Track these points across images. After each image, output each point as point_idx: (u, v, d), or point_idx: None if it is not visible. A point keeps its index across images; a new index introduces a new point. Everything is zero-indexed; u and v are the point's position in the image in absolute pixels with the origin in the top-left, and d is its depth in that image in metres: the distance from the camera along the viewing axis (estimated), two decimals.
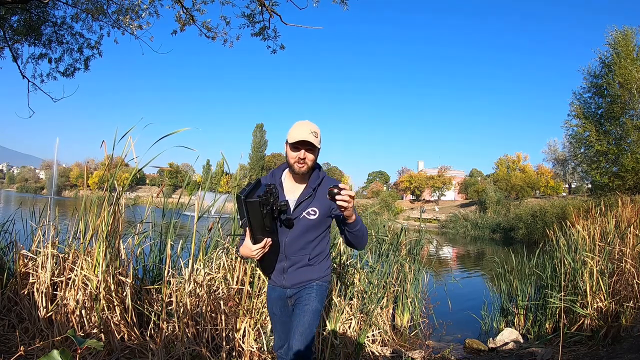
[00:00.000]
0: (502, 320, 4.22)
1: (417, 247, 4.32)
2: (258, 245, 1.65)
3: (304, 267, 1.75)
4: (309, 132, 1.70)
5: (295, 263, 1.75)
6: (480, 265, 11.11)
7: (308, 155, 1.74)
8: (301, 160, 1.73)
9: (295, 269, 1.75)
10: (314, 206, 1.75)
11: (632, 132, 14.91)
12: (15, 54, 5.58)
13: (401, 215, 34.80)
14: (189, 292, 2.44)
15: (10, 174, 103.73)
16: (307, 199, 1.75)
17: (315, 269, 1.77)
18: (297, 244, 1.74)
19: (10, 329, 2.43)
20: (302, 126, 1.73)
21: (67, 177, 73.66)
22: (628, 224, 4.04)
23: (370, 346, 3.11)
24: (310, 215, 1.74)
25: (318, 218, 1.74)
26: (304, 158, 1.73)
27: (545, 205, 20.86)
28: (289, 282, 1.76)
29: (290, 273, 1.76)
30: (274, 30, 4.93)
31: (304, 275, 1.75)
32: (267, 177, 1.89)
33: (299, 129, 1.73)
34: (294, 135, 1.71)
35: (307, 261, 1.75)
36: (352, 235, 1.71)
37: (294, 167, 1.76)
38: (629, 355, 2.67)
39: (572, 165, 23.15)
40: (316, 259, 1.78)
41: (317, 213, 1.74)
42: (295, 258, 1.75)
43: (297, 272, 1.75)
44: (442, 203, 47.73)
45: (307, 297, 1.73)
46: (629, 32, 15.35)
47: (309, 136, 1.70)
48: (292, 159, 1.75)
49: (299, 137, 1.70)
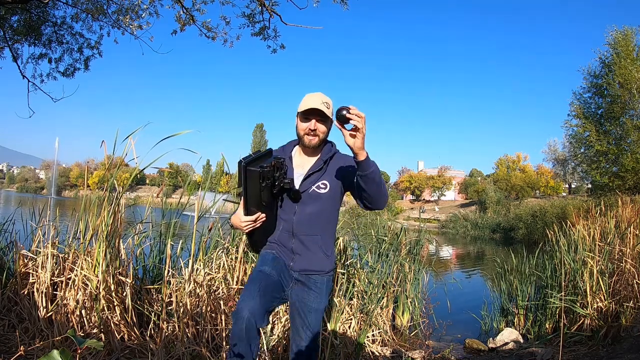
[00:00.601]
0: (502, 320, 4.22)
1: (417, 247, 4.31)
2: (249, 218, 1.53)
3: (315, 252, 1.61)
4: (320, 102, 1.59)
5: (305, 245, 1.61)
6: (480, 265, 11.11)
7: (319, 127, 1.62)
8: (311, 132, 1.61)
9: (306, 253, 1.61)
10: (325, 179, 1.62)
11: (632, 132, 14.91)
12: (15, 54, 5.58)
13: (401, 215, 34.78)
14: (189, 292, 2.44)
15: (10, 174, 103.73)
16: (317, 172, 1.62)
17: (326, 258, 1.63)
18: (306, 221, 1.60)
19: (10, 329, 2.43)
20: (314, 96, 1.62)
21: (67, 177, 73.69)
22: (628, 224, 4.03)
23: (370, 346, 3.11)
24: (320, 190, 1.61)
25: (329, 192, 1.61)
26: (314, 129, 1.61)
27: (545, 205, 20.86)
28: (297, 266, 1.62)
29: (299, 256, 1.61)
30: (274, 30, 4.94)
31: (315, 264, 1.61)
32: (278, 150, 1.77)
33: (310, 98, 1.61)
34: (305, 104, 1.60)
35: (318, 245, 1.61)
36: (367, 180, 1.45)
37: (304, 139, 1.64)
38: (629, 355, 2.67)
39: (572, 165, 23.14)
40: (327, 244, 1.64)
41: (328, 187, 1.61)
42: (305, 239, 1.61)
43: (308, 257, 1.61)
44: (442, 203, 47.73)
45: (317, 292, 1.61)
46: (629, 32, 15.35)
47: (320, 105, 1.58)
48: (302, 130, 1.63)
49: (310, 105, 1.58)
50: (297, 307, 1.63)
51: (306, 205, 1.61)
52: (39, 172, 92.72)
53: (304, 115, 1.62)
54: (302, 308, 1.62)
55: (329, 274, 1.65)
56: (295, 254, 1.62)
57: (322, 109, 1.58)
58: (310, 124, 1.61)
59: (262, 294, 1.48)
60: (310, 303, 1.61)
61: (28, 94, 5.64)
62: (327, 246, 1.64)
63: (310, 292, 1.61)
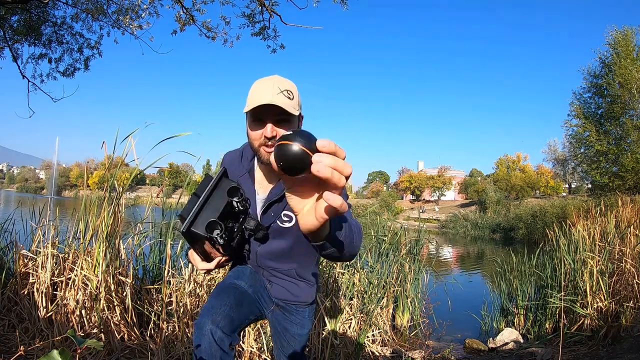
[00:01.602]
0: (502, 320, 4.23)
1: (417, 247, 4.32)
2: (205, 266, 1.16)
3: (292, 281, 1.27)
4: (277, 92, 1.02)
5: (276, 275, 1.27)
6: (480, 265, 11.11)
7: (279, 132, 1.05)
8: (269, 142, 1.05)
9: (280, 281, 1.27)
10: (288, 210, 1.16)
11: (632, 132, 14.94)
12: (15, 54, 5.59)
13: (401, 215, 34.80)
14: (189, 292, 2.45)
15: (10, 174, 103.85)
16: (276, 202, 1.16)
17: (308, 287, 1.28)
18: (274, 257, 1.24)
19: (10, 329, 2.43)
20: (265, 82, 1.05)
21: (67, 177, 73.81)
22: (628, 224, 4.04)
23: (370, 346, 3.11)
24: (284, 224, 1.18)
25: (295, 226, 1.16)
26: (272, 136, 1.05)
27: (545, 205, 20.89)
28: (275, 294, 1.29)
29: (274, 285, 1.28)
30: (274, 30, 4.95)
31: (293, 295, 1.27)
32: (234, 158, 1.26)
33: (260, 87, 1.05)
34: (253, 98, 1.04)
35: (294, 274, 1.26)
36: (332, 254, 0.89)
37: (259, 152, 1.09)
38: (629, 355, 2.67)
39: (572, 165, 23.17)
40: (308, 273, 1.28)
41: (293, 220, 1.17)
42: (274, 271, 1.27)
43: (284, 287, 1.27)
44: (442, 203, 47.78)
45: (300, 320, 1.30)
46: (629, 32, 15.39)
47: (277, 98, 1.02)
48: (255, 140, 1.08)
49: (261, 99, 1.01)
50: (279, 331, 1.32)
51: (271, 240, 1.22)
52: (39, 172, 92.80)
53: (255, 117, 1.06)
54: (284, 334, 1.31)
55: (312, 305, 1.33)
56: (270, 284, 1.29)
57: (281, 104, 1.01)
58: (265, 130, 1.05)
59: (236, 306, 1.19)
60: (294, 330, 1.30)
61: (28, 94, 5.66)
62: (309, 274, 1.28)
63: (293, 320, 1.30)
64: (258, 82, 1.08)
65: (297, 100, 1.09)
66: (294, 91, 1.08)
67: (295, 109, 1.06)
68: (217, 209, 1.04)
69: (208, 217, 1.02)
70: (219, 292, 1.25)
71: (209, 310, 1.16)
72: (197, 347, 1.11)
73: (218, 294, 1.24)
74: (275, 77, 1.09)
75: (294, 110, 1.05)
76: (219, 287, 1.29)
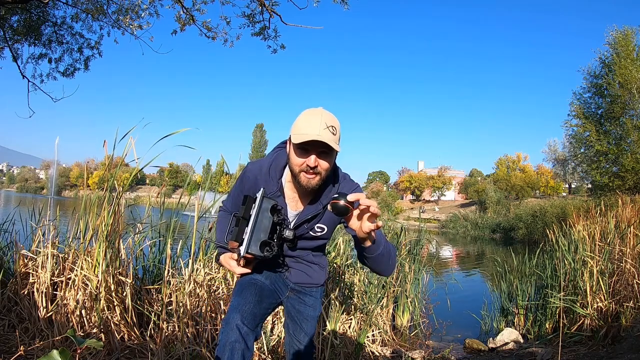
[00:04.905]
0: (502, 320, 4.22)
1: (417, 247, 4.32)
2: (243, 270, 1.36)
3: (308, 265, 1.48)
4: (323, 127, 1.15)
5: (296, 261, 1.48)
6: (480, 265, 11.11)
7: (321, 163, 1.19)
8: (311, 170, 1.19)
9: (299, 266, 1.48)
10: (322, 223, 1.36)
11: (632, 132, 14.93)
12: (15, 54, 5.59)
13: (401, 215, 34.80)
14: (189, 292, 2.44)
15: (10, 174, 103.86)
16: (312, 218, 1.34)
17: (321, 270, 1.51)
18: (295, 252, 1.46)
19: (10, 329, 2.43)
20: (314, 117, 1.18)
21: (67, 177, 73.77)
22: (628, 224, 4.03)
23: (370, 346, 3.11)
24: (316, 233, 1.38)
25: (326, 233, 1.39)
26: (314, 166, 1.18)
27: (545, 205, 20.88)
28: (294, 279, 1.47)
29: (295, 270, 1.48)
30: (274, 30, 4.95)
31: (309, 278, 1.48)
32: (260, 171, 1.37)
33: (308, 122, 1.17)
34: (301, 132, 1.16)
35: (311, 259, 1.47)
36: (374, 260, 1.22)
37: (299, 177, 1.22)
38: (629, 355, 2.67)
39: (572, 165, 23.16)
40: (321, 258, 1.51)
41: (325, 230, 1.37)
42: (296, 258, 1.47)
43: (302, 271, 1.48)
44: (442, 203, 47.77)
45: (314, 302, 1.51)
46: (629, 32, 15.37)
47: (323, 134, 1.14)
48: (296, 166, 1.21)
49: (309, 135, 1.14)
50: (293, 315, 1.50)
51: (298, 244, 1.43)
52: (39, 172, 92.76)
53: (301, 147, 1.18)
54: (297, 317, 1.50)
55: (323, 286, 1.57)
56: (290, 268, 1.48)
57: (327, 140, 1.14)
58: (309, 160, 1.18)
59: (258, 303, 1.31)
60: (307, 312, 1.50)
61: (28, 93, 5.66)
62: (321, 259, 1.51)
63: (306, 302, 1.50)
64: (306, 114, 1.22)
65: (339, 136, 1.23)
66: (338, 127, 1.22)
67: (337, 144, 1.21)
68: (264, 229, 1.24)
69: (259, 237, 1.23)
70: (241, 290, 1.35)
71: (236, 307, 1.27)
72: (224, 343, 1.21)
73: (241, 292, 1.34)
74: (322, 110, 1.22)
75: (336, 145, 1.19)
76: (241, 285, 1.39)
